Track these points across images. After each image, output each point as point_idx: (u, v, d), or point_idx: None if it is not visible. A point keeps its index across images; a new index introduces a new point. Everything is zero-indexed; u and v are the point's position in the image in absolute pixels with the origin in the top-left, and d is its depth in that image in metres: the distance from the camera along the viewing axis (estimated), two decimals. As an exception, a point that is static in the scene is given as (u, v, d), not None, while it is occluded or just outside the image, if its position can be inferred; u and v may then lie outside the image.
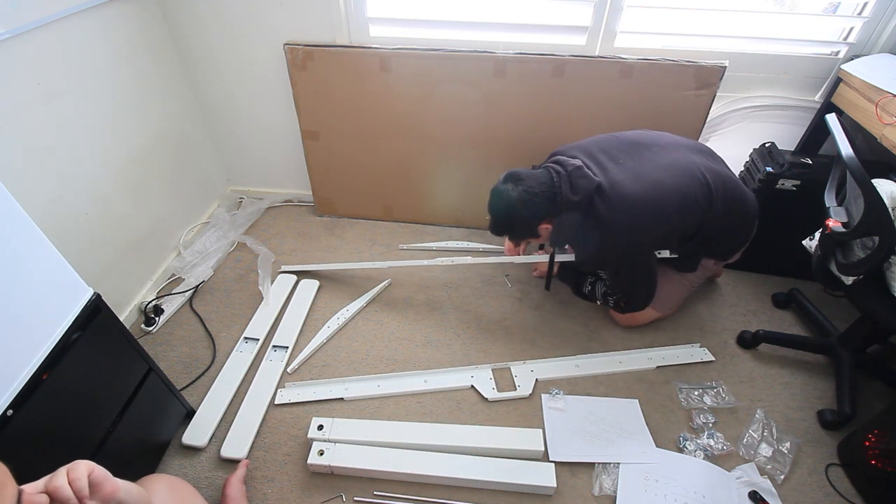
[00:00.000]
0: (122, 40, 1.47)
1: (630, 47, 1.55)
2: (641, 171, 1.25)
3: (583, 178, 1.24)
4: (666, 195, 1.23)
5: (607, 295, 1.46)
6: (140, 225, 1.62)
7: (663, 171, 1.25)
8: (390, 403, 1.35)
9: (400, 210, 1.99)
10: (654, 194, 1.22)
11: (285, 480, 1.18)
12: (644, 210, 1.22)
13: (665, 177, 1.24)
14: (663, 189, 1.23)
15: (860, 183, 1.04)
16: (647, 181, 1.23)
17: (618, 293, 1.44)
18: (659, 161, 1.28)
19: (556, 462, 1.19)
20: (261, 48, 1.67)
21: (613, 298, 1.45)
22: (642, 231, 1.25)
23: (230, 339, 1.52)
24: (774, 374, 1.44)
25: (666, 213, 1.23)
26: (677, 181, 1.25)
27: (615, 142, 1.34)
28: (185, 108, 1.80)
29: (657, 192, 1.22)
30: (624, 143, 1.33)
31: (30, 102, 1.20)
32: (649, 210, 1.22)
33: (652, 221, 1.24)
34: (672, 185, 1.24)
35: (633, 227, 1.23)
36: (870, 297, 1.17)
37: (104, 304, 0.98)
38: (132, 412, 1.07)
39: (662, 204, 1.22)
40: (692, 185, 1.26)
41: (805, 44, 1.55)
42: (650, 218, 1.23)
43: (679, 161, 1.29)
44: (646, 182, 1.23)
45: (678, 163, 1.28)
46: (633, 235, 1.25)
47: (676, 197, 1.23)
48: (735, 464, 1.22)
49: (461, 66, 1.58)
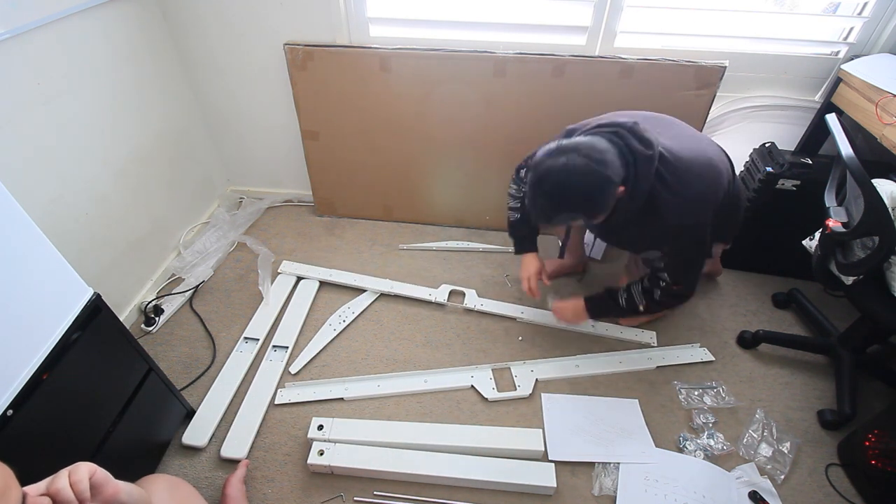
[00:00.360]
0: (122, 40, 1.47)
1: (630, 47, 1.55)
2: (681, 138, 1.18)
3: (646, 131, 1.10)
4: (713, 158, 1.17)
5: (650, 290, 1.27)
6: (140, 225, 1.62)
7: (697, 140, 1.21)
8: (390, 403, 1.35)
9: (400, 210, 1.99)
10: (704, 157, 1.15)
11: (285, 480, 1.18)
12: (704, 172, 1.14)
13: (701, 143, 1.21)
14: (708, 152, 1.18)
15: (860, 183, 1.04)
16: (692, 145, 1.17)
17: (676, 274, 1.24)
18: (685, 131, 1.23)
19: (556, 462, 1.19)
20: (261, 48, 1.67)
21: (661, 289, 1.25)
22: (708, 193, 1.15)
23: (230, 339, 1.52)
24: (774, 374, 1.44)
25: (720, 175, 1.17)
26: (712, 146, 1.22)
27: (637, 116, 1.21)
28: (185, 108, 1.80)
29: (707, 155, 1.16)
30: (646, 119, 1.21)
31: (30, 102, 1.20)
32: (707, 172, 1.15)
33: (713, 184, 1.15)
34: (711, 150, 1.20)
35: (699, 190, 1.13)
36: (870, 297, 1.17)
37: (104, 304, 0.98)
38: (132, 412, 1.07)
39: (714, 166, 1.16)
40: (721, 152, 1.24)
41: (805, 44, 1.55)
42: (711, 180, 1.15)
43: (698, 133, 1.27)
44: (692, 146, 1.16)
45: (700, 134, 1.26)
46: (701, 199, 1.14)
47: (718, 160, 1.19)
48: (735, 464, 1.22)
49: (461, 66, 1.58)
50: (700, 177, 1.13)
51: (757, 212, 1.57)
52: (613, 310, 1.36)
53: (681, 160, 1.12)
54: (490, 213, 1.92)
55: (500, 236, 1.93)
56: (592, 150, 1.05)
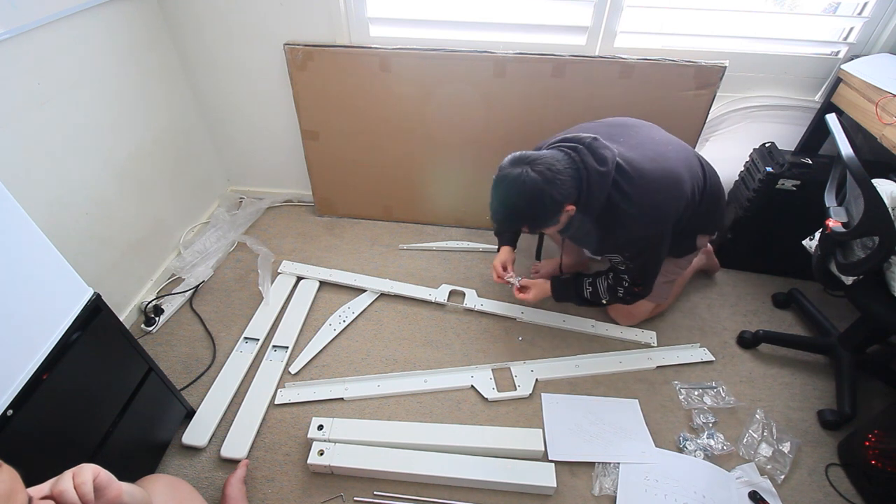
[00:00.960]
0: (123, 40, 1.47)
1: (630, 47, 1.55)
2: (644, 147, 1.21)
3: (604, 148, 1.14)
4: (675, 167, 1.19)
5: (614, 287, 1.35)
6: (140, 225, 1.62)
7: (662, 146, 1.23)
8: (390, 403, 1.35)
9: (400, 210, 1.99)
10: (666, 167, 1.18)
11: (285, 480, 1.18)
12: (664, 184, 1.17)
13: (666, 151, 1.22)
14: (671, 161, 1.20)
15: (860, 183, 1.04)
16: (654, 155, 1.19)
17: (636, 277, 1.31)
18: (653, 136, 1.26)
19: (556, 462, 1.19)
20: (261, 48, 1.67)
21: (624, 288, 1.33)
22: (667, 205, 1.19)
23: (230, 339, 1.52)
24: (774, 374, 1.44)
25: (680, 184, 1.19)
26: (678, 154, 1.24)
27: (603, 126, 1.28)
28: (185, 108, 1.80)
29: (668, 165, 1.19)
30: (612, 126, 1.28)
31: (30, 102, 1.20)
32: (667, 183, 1.18)
33: (672, 194, 1.19)
34: (675, 157, 1.22)
35: (657, 202, 1.17)
36: (870, 297, 1.17)
37: (104, 304, 0.98)
38: (132, 412, 1.07)
39: (675, 176, 1.19)
40: (689, 156, 1.26)
41: (805, 44, 1.55)
42: (670, 191, 1.18)
43: (668, 136, 1.29)
44: (654, 156, 1.19)
45: (669, 138, 1.28)
46: (660, 210, 1.19)
47: (683, 168, 1.21)
48: (735, 464, 1.22)
49: (461, 66, 1.58)
50: (658, 188, 1.16)
51: (757, 212, 1.57)
52: (576, 299, 1.43)
53: (640, 171, 1.15)
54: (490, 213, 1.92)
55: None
56: (548, 168, 1.11)
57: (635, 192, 1.14)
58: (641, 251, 1.26)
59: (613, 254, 1.30)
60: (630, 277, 1.32)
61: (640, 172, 1.15)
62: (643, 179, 1.15)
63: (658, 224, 1.20)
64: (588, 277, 1.41)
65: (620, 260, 1.30)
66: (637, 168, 1.15)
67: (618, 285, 1.34)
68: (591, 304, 1.44)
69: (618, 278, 1.34)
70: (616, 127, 1.28)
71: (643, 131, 1.28)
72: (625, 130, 1.26)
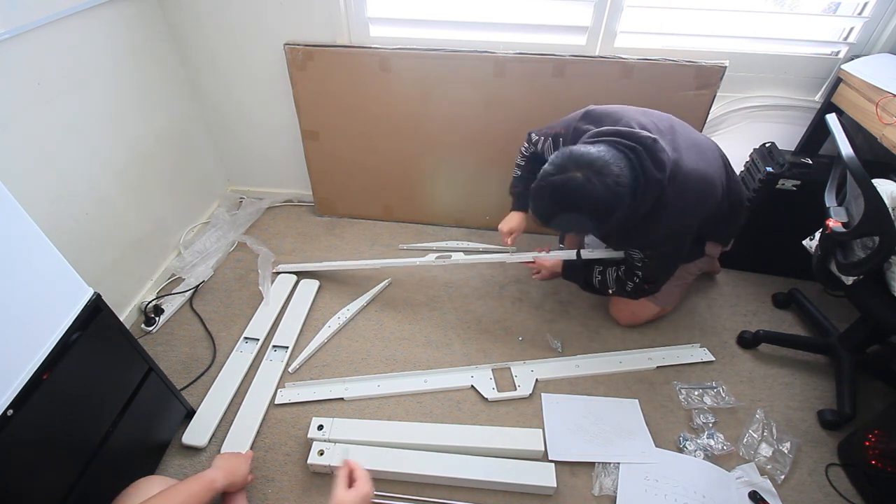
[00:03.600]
0: (123, 40, 1.47)
1: (630, 47, 1.55)
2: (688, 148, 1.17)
3: (662, 151, 1.09)
4: (712, 172, 1.17)
5: (624, 280, 1.32)
6: (140, 225, 1.62)
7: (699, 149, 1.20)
8: (390, 403, 1.35)
9: (400, 210, 1.99)
10: (706, 171, 1.16)
11: (285, 480, 1.18)
12: (701, 188, 1.15)
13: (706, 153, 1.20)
14: (710, 165, 1.18)
15: (860, 183, 1.04)
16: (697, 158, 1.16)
17: (649, 275, 1.29)
18: (689, 137, 1.22)
19: (556, 462, 1.19)
20: (261, 48, 1.67)
21: (634, 283, 1.30)
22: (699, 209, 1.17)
23: (230, 339, 1.52)
24: (774, 374, 1.44)
25: (715, 190, 1.17)
26: (714, 157, 1.23)
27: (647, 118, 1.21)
28: (185, 108, 1.81)
29: (708, 169, 1.16)
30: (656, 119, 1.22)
31: (30, 103, 1.20)
32: (704, 187, 1.15)
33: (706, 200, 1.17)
34: (713, 161, 1.21)
35: (693, 206, 1.15)
36: (870, 297, 1.17)
37: (104, 304, 0.98)
38: (132, 412, 1.07)
39: (712, 180, 1.16)
40: (718, 160, 1.25)
41: (805, 44, 1.55)
42: (705, 196, 1.16)
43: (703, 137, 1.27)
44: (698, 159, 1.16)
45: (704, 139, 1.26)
46: (692, 214, 1.16)
47: (717, 172, 1.19)
48: (735, 464, 1.22)
49: (461, 66, 1.58)
50: (695, 193, 1.14)
51: (757, 212, 1.57)
52: (582, 282, 1.44)
53: (684, 175, 1.11)
54: (490, 214, 1.92)
55: (499, 236, 1.92)
56: (615, 182, 1.03)
57: (675, 196, 1.11)
58: (663, 251, 1.25)
59: (635, 250, 1.28)
60: (643, 274, 1.30)
61: (683, 175, 1.11)
62: (685, 182, 1.11)
63: (687, 226, 1.19)
64: (599, 265, 1.40)
65: (640, 256, 1.27)
66: (682, 170, 1.11)
67: (628, 279, 1.32)
68: (596, 291, 1.43)
69: (630, 272, 1.32)
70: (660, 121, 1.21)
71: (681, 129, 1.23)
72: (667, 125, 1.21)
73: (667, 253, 1.26)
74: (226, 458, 1.07)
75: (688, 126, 1.28)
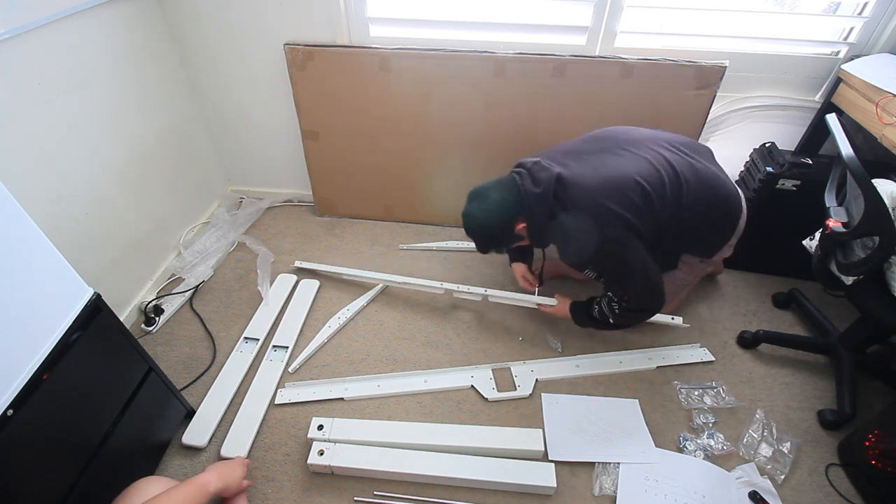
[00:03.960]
0: (123, 40, 1.47)
1: (630, 47, 1.55)
2: (602, 162, 1.26)
3: (542, 170, 1.24)
4: (624, 179, 1.21)
5: (611, 305, 1.33)
6: (140, 225, 1.62)
7: (625, 162, 1.25)
8: (390, 403, 1.35)
9: (400, 210, 1.99)
10: (612, 178, 1.22)
11: (285, 480, 1.18)
12: (605, 193, 1.20)
13: (625, 165, 1.24)
14: (621, 173, 1.22)
15: (860, 183, 1.04)
16: (606, 169, 1.24)
17: (615, 291, 1.31)
18: (623, 153, 1.28)
19: (556, 462, 1.19)
20: (261, 48, 1.67)
21: (621, 306, 1.31)
22: (609, 213, 1.19)
23: (230, 339, 1.52)
24: (774, 374, 1.44)
25: (627, 195, 1.20)
26: (639, 168, 1.23)
27: (581, 144, 1.34)
28: (185, 108, 1.81)
29: (616, 177, 1.22)
30: (591, 141, 1.34)
31: (30, 103, 1.20)
32: (609, 192, 1.20)
33: (615, 202, 1.20)
34: (632, 170, 1.23)
35: (598, 209, 1.19)
36: (870, 297, 1.17)
37: (104, 304, 0.98)
38: (132, 412, 1.07)
39: (622, 186, 1.21)
40: (654, 173, 1.23)
41: (805, 44, 1.55)
42: (612, 199, 1.20)
43: (644, 153, 1.27)
44: (605, 170, 1.24)
45: (642, 154, 1.27)
46: (602, 218, 1.20)
47: (635, 181, 1.21)
48: (735, 464, 1.22)
49: (461, 66, 1.58)
50: (596, 196, 1.20)
51: (757, 212, 1.57)
52: (590, 321, 1.42)
53: (579, 184, 1.22)
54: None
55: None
56: (491, 197, 1.26)
57: (573, 200, 1.21)
58: (603, 262, 1.27)
59: (584, 269, 1.33)
60: (612, 293, 1.31)
61: (579, 184, 1.22)
62: (581, 188, 1.21)
63: (603, 230, 1.19)
64: (596, 298, 1.40)
65: (595, 276, 1.32)
66: (578, 181, 1.22)
67: (611, 302, 1.33)
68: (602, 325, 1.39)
69: (610, 299, 1.33)
70: (595, 141, 1.34)
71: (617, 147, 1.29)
72: (598, 146, 1.31)
73: (604, 263, 1.28)
74: (219, 463, 1.07)
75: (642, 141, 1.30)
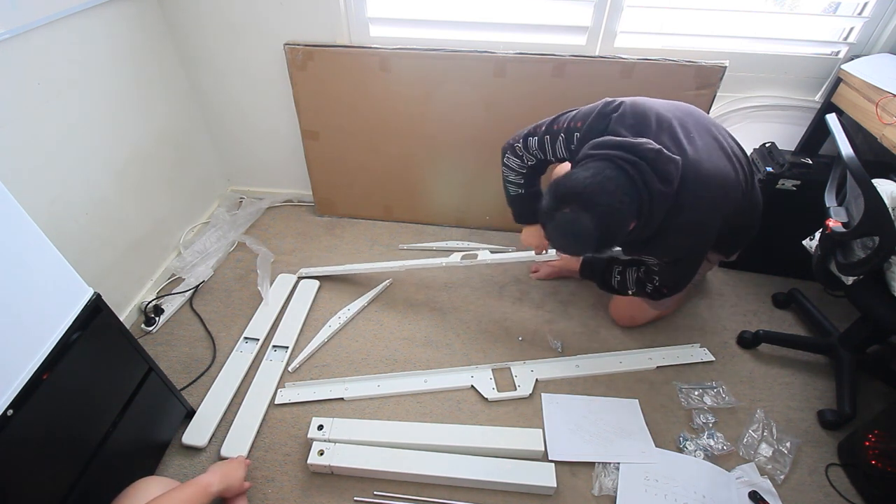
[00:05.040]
0: (123, 40, 1.47)
1: (630, 47, 1.55)
2: (705, 146, 1.12)
3: (669, 162, 1.03)
4: (728, 177, 1.11)
5: (644, 282, 1.28)
6: (140, 225, 1.62)
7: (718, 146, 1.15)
8: (390, 403, 1.35)
9: (400, 210, 1.99)
10: (721, 177, 1.10)
11: (285, 480, 1.18)
12: (719, 193, 1.09)
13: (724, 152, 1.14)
14: (726, 169, 1.12)
15: (860, 183, 1.04)
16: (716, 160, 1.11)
17: (667, 280, 1.25)
18: (708, 132, 1.16)
19: (556, 462, 1.19)
20: (261, 48, 1.67)
21: (653, 285, 1.26)
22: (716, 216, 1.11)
23: (230, 339, 1.52)
24: (774, 374, 1.44)
25: (732, 194, 1.12)
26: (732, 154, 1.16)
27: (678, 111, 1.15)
28: (185, 108, 1.80)
29: (723, 175, 1.10)
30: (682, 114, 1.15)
31: (30, 102, 1.20)
32: (720, 193, 1.10)
33: (724, 204, 1.11)
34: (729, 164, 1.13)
35: (711, 213, 1.09)
36: (870, 297, 1.17)
37: (104, 304, 0.98)
38: (132, 412, 1.07)
39: (727, 186, 1.11)
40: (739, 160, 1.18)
41: (805, 44, 1.55)
42: (723, 202, 1.11)
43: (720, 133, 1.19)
44: (716, 160, 1.11)
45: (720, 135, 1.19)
46: (711, 222, 1.11)
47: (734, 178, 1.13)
48: (735, 464, 1.22)
49: (461, 66, 1.58)
50: (712, 197, 1.08)
51: (757, 212, 1.57)
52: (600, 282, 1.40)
53: (700, 176, 1.06)
54: (490, 213, 1.92)
55: (500, 236, 1.93)
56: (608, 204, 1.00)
57: (691, 202, 1.06)
58: (680, 258, 1.20)
59: (651, 256, 1.24)
60: (660, 279, 1.26)
61: (699, 177, 1.06)
62: (701, 189, 1.06)
63: (706, 234, 1.14)
64: (618, 266, 1.36)
65: (656, 262, 1.24)
66: (696, 171, 1.06)
67: (648, 281, 1.29)
68: (614, 291, 1.36)
69: (649, 275, 1.29)
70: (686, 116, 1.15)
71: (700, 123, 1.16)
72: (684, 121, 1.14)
73: (683, 258, 1.21)
74: (220, 463, 1.08)
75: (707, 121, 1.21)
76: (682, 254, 1.20)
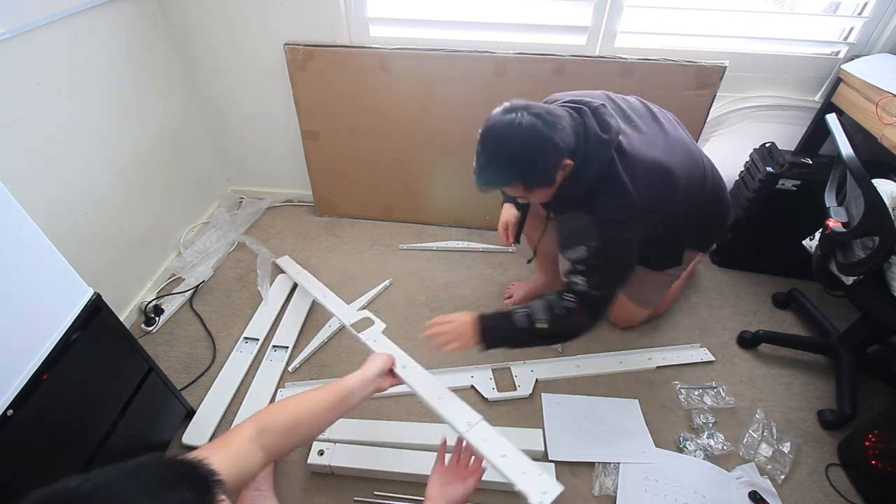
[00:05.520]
0: (123, 40, 1.47)
1: (630, 47, 1.55)
2: (650, 136, 1.11)
3: (610, 117, 1.04)
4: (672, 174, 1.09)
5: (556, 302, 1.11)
6: (140, 225, 1.62)
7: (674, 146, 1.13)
8: (390, 403, 1.35)
9: (400, 210, 1.99)
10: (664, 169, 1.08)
11: (285, 480, 1.18)
12: (658, 183, 1.07)
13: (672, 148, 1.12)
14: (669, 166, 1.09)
15: (860, 183, 1.04)
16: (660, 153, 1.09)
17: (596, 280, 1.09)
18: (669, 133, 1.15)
19: (556, 462, 1.19)
20: (261, 48, 1.67)
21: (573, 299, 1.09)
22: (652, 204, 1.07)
23: (230, 339, 1.52)
24: (774, 374, 1.44)
25: (672, 192, 1.10)
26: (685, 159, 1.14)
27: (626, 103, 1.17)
28: (185, 108, 1.81)
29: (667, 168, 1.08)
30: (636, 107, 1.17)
31: (30, 102, 1.20)
32: (660, 185, 1.07)
33: (660, 198, 1.08)
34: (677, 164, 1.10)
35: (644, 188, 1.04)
36: (870, 297, 1.17)
37: (104, 304, 0.98)
38: (132, 412, 1.07)
39: (669, 182, 1.08)
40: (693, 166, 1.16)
41: (805, 44, 1.55)
42: (660, 194, 1.08)
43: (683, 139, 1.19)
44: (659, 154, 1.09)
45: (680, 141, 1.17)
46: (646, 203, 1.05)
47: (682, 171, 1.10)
48: (735, 464, 1.22)
49: (461, 66, 1.58)
50: (648, 177, 1.05)
51: (757, 212, 1.57)
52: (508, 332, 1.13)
53: (640, 160, 1.05)
54: (490, 213, 1.92)
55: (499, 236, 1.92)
56: (545, 112, 0.99)
57: (626, 170, 1.04)
58: (610, 243, 1.08)
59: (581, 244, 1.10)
60: (589, 279, 1.09)
61: (638, 160, 1.05)
62: (640, 167, 1.05)
63: (637, 217, 1.06)
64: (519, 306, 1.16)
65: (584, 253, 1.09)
66: (638, 154, 1.05)
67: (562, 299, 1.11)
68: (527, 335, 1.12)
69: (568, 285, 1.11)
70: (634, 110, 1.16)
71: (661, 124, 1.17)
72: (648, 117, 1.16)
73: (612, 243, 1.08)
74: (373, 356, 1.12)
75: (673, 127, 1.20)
76: (614, 233, 1.07)
